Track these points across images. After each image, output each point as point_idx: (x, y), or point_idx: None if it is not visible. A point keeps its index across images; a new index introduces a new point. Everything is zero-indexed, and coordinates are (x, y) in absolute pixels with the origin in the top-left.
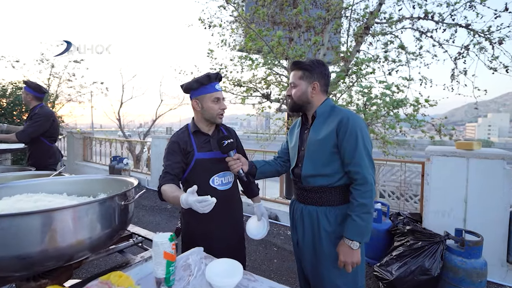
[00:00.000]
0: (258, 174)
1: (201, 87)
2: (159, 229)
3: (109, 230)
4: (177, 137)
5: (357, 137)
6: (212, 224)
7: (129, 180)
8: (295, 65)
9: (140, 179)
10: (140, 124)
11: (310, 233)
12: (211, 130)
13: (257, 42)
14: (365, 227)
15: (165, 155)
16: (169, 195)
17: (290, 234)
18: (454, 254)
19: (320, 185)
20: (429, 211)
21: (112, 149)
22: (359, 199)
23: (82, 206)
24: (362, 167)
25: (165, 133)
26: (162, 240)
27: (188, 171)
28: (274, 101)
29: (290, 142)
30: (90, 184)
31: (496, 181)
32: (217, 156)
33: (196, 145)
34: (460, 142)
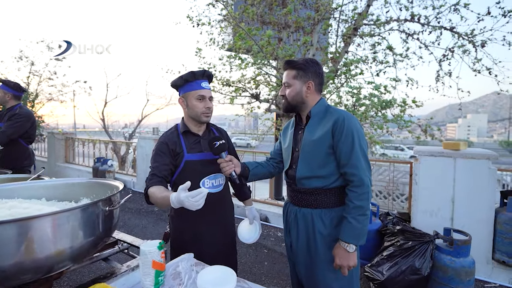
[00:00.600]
0: (251, 176)
1: (186, 84)
2: (146, 232)
3: (93, 238)
4: (166, 137)
5: (353, 138)
6: (203, 228)
7: (114, 184)
8: (289, 64)
9: (126, 181)
10: (125, 125)
11: (305, 236)
12: (201, 131)
13: (247, 41)
14: (361, 230)
15: (153, 157)
16: (157, 197)
17: (280, 236)
18: (443, 253)
19: (315, 187)
20: (418, 210)
21: (96, 150)
22: (355, 201)
23: (62, 213)
24: (358, 169)
25: (151, 134)
26: (150, 248)
27: (177, 173)
28: (263, 101)
29: (283, 143)
30: (71, 188)
31: (482, 181)
32: (207, 158)
33: (185, 146)
34: (447, 143)
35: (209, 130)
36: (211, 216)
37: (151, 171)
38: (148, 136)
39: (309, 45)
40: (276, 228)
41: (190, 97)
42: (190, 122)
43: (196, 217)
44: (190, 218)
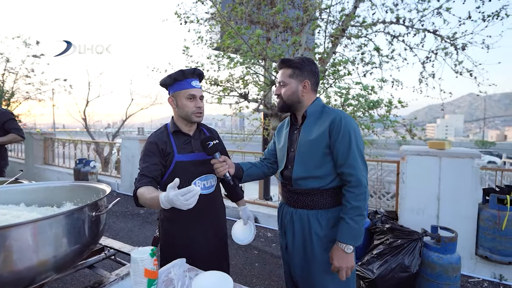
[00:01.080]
0: (245, 177)
1: (176, 83)
2: (132, 236)
3: (78, 246)
4: (155, 137)
5: (350, 137)
6: (194, 231)
7: (99, 187)
8: (284, 63)
9: (110, 183)
10: (108, 124)
11: (301, 238)
12: (192, 130)
13: (236, 40)
14: (358, 230)
15: (142, 157)
16: (146, 197)
17: (270, 236)
18: (431, 250)
19: (311, 188)
20: (405, 209)
21: (77, 151)
22: (353, 202)
23: (44, 220)
24: (356, 169)
25: (136, 134)
26: (142, 256)
27: (167, 174)
28: (252, 101)
29: (278, 143)
30: (53, 192)
31: (465, 179)
32: (199, 158)
33: (176, 146)
34: (433, 142)
35: (200, 130)
36: (202, 218)
37: (140, 171)
38: (133, 136)
39: (298, 45)
40: (266, 229)
41: (180, 96)
42: (180, 122)
43: (187, 220)
44: (181, 221)
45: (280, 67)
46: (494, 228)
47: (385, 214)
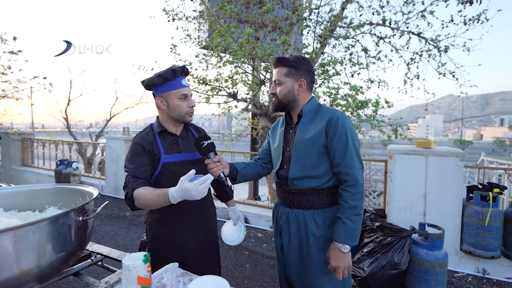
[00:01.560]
0: (239, 177)
1: (166, 83)
2: (118, 240)
3: (64, 254)
4: (141, 138)
5: (347, 137)
6: (185, 233)
7: (86, 190)
8: (280, 62)
9: (93, 185)
10: (90, 124)
11: (297, 238)
12: (179, 130)
13: (226, 38)
14: (355, 230)
15: (129, 158)
16: (148, 197)
17: (261, 237)
18: (419, 247)
19: (307, 188)
20: (393, 207)
21: (58, 152)
22: (350, 201)
23: (26, 227)
24: (352, 168)
25: (121, 134)
26: (135, 262)
27: (154, 176)
28: (241, 100)
29: (272, 142)
30: (34, 196)
31: (450, 177)
32: (187, 158)
33: (162, 147)
34: (419, 141)
35: (187, 130)
36: (193, 220)
37: (129, 173)
38: (117, 136)
39: (287, 45)
40: (257, 229)
41: (171, 96)
42: (168, 122)
43: (177, 222)
44: (171, 223)
45: (275, 65)
46: (477, 224)
47: (374, 212)
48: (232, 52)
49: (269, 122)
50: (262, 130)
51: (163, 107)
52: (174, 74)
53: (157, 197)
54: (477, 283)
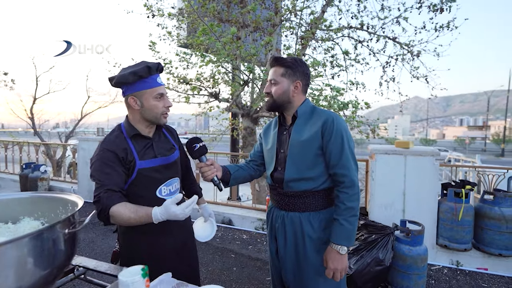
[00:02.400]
0: (232, 180)
1: (139, 81)
2: (94, 248)
3: (48, 271)
4: (111, 144)
5: (342, 138)
6: (163, 239)
7: (68, 198)
8: (277, 61)
9: (64, 189)
10: (56, 124)
11: (293, 242)
12: (152, 132)
13: (210, 37)
14: (352, 231)
15: (98, 167)
16: (130, 216)
17: (246, 238)
18: (402, 243)
19: (303, 190)
20: (375, 204)
21: (23, 154)
22: (347, 203)
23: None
24: (349, 170)
25: (96, 135)
26: (133, 278)
27: (127, 184)
28: (223, 100)
29: (265, 144)
30: (7, 205)
31: (427, 175)
32: (162, 163)
33: (136, 152)
34: (398, 141)
35: (160, 132)
36: (170, 225)
37: (101, 185)
38: (91, 137)
39: (270, 46)
40: (241, 231)
41: (146, 96)
42: (140, 124)
43: (155, 229)
44: (149, 230)
45: (272, 64)
46: (452, 219)
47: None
48: (216, 51)
49: (251, 123)
50: (244, 130)
51: (136, 107)
52: (149, 71)
53: (139, 218)
54: (452, 275)
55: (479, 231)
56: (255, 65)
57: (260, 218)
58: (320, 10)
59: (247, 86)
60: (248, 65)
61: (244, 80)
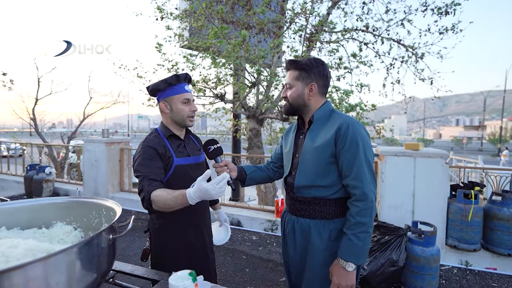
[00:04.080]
0: (248, 180)
1: (169, 88)
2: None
3: (94, 278)
4: (152, 142)
5: (357, 146)
6: (192, 236)
7: (102, 203)
8: (291, 64)
9: (69, 191)
10: (52, 124)
11: (301, 248)
12: (183, 135)
13: (221, 41)
14: (361, 248)
15: (141, 162)
16: (167, 198)
17: (255, 239)
18: (415, 244)
19: (314, 196)
20: (384, 205)
21: (25, 155)
22: (357, 217)
23: (59, 255)
24: (362, 181)
25: (101, 136)
26: (184, 283)
27: (166, 178)
28: (229, 102)
29: (284, 147)
30: (39, 211)
31: (436, 177)
32: (195, 162)
33: (173, 150)
34: (408, 143)
35: (188, 136)
36: (199, 224)
37: (144, 177)
38: (97, 139)
39: (279, 48)
40: (250, 232)
41: (174, 101)
42: (173, 126)
43: (185, 226)
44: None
45: (287, 68)
46: (461, 220)
47: None
48: (226, 53)
49: (257, 124)
50: (250, 132)
51: (167, 111)
52: (177, 79)
53: (176, 199)
54: (462, 274)
55: (488, 231)
56: (261, 67)
57: (269, 219)
58: (326, 12)
59: (254, 88)
60: (257, 67)
61: (252, 82)
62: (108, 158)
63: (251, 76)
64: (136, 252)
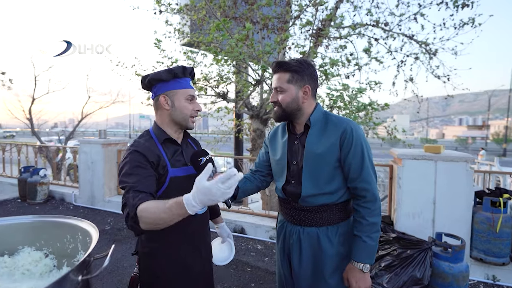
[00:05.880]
0: (240, 194)
1: (173, 80)
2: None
3: None
4: (141, 146)
5: (362, 150)
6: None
7: (79, 225)
8: (280, 67)
9: (65, 194)
10: (55, 124)
11: (309, 259)
12: (180, 139)
13: (224, 34)
14: (375, 247)
15: (127, 171)
16: (158, 210)
17: (261, 249)
18: (441, 259)
19: (321, 204)
20: (401, 213)
21: (21, 156)
22: (369, 218)
23: None
24: (370, 184)
25: (97, 137)
26: None
27: (159, 194)
28: (231, 101)
29: (273, 154)
30: (4, 232)
31: (460, 182)
32: (193, 172)
33: (168, 159)
34: (428, 146)
35: (186, 140)
36: (198, 242)
37: (129, 188)
38: (93, 140)
39: (285, 43)
40: (255, 240)
41: (178, 96)
42: (170, 128)
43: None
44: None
45: (275, 70)
46: (488, 230)
47: (382, 220)
48: (228, 49)
49: (261, 124)
50: (254, 132)
51: (167, 107)
52: (183, 72)
53: (170, 210)
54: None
55: None
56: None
57: (275, 226)
58: (334, 6)
59: (258, 86)
60: (262, 64)
61: (256, 80)
62: (105, 160)
63: (255, 73)
64: (133, 263)
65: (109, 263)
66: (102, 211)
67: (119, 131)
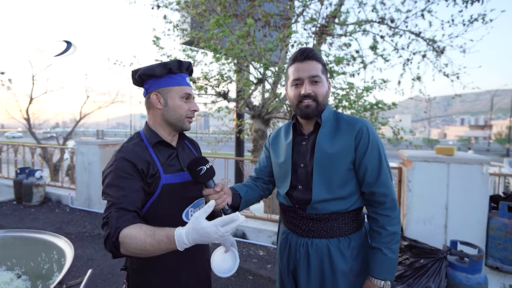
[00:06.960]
0: (243, 204)
1: (167, 76)
2: (93, 266)
3: None
4: (129, 152)
5: (379, 152)
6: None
7: (53, 242)
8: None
9: (61, 196)
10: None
11: (318, 276)
12: (175, 141)
13: (224, 30)
14: (396, 260)
15: (112, 182)
16: (144, 241)
17: (263, 255)
18: (457, 270)
19: (332, 212)
20: (412, 219)
21: (18, 157)
22: (389, 228)
23: None
24: (389, 188)
25: (95, 138)
26: None
27: (149, 203)
28: (232, 100)
29: (276, 157)
30: None
31: (475, 186)
32: (189, 178)
33: (160, 164)
34: (440, 147)
35: (183, 142)
36: (194, 257)
37: (112, 203)
38: (91, 141)
39: (288, 40)
40: (257, 246)
41: (172, 94)
42: (162, 129)
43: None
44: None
45: (306, 58)
46: (505, 237)
47: None
48: (230, 46)
49: (262, 124)
50: (255, 133)
51: (159, 106)
52: (179, 67)
53: (158, 243)
54: None
55: None
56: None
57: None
58: (338, 2)
59: (260, 85)
60: (264, 62)
61: (258, 79)
62: (102, 161)
63: (257, 72)
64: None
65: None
66: (99, 214)
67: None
